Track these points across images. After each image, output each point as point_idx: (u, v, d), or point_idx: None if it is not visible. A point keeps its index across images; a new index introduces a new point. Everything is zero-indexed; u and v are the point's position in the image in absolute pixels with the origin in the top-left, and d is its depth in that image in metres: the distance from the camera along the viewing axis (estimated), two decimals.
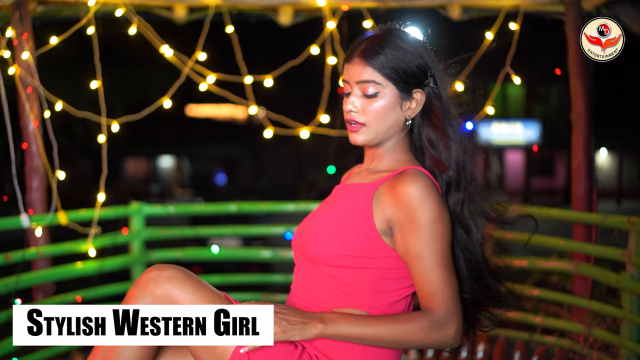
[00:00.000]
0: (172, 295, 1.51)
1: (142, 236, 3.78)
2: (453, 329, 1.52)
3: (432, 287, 1.53)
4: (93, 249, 3.40)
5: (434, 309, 1.53)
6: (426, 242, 1.53)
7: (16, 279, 3.06)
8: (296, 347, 1.57)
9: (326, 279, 1.61)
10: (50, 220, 3.30)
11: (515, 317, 3.63)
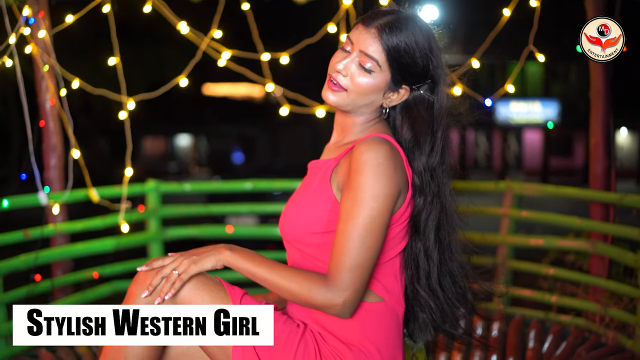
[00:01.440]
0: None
1: (158, 214, 3.81)
2: (340, 300, 1.50)
3: (340, 252, 1.51)
4: (126, 224, 3.44)
5: (331, 274, 1.52)
6: (357, 208, 1.51)
7: (35, 256, 3.10)
8: (298, 326, 1.59)
9: (307, 259, 1.63)
10: (67, 197, 3.33)
11: (530, 296, 3.62)
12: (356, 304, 1.54)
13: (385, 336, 1.60)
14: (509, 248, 3.72)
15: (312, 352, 1.55)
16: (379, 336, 1.59)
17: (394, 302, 1.63)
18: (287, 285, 1.52)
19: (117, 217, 3.54)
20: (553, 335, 3.21)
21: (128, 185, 3.61)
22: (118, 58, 3.41)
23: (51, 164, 3.48)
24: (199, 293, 1.53)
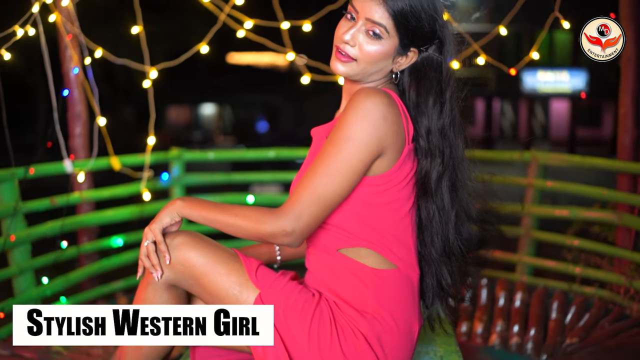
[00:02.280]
0: (187, 259, 1.56)
1: (182, 182, 3.84)
2: (290, 227, 1.50)
3: (300, 184, 1.53)
4: (148, 192, 3.47)
5: (286, 203, 1.54)
6: (330, 146, 1.52)
7: (61, 223, 3.15)
8: (313, 295, 1.60)
9: (320, 226, 1.62)
10: (92, 165, 3.36)
11: (554, 267, 3.60)
12: (305, 236, 1.53)
13: (400, 303, 1.60)
14: (533, 218, 3.69)
15: (327, 321, 1.56)
16: (393, 303, 1.59)
17: (408, 269, 1.62)
18: (237, 222, 1.53)
19: (140, 185, 3.57)
20: (576, 306, 3.20)
21: (152, 154, 3.63)
22: (141, 27, 3.40)
23: (76, 132, 3.52)
24: (216, 266, 1.57)
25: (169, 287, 1.59)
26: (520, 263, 3.71)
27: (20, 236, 2.96)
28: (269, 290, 1.57)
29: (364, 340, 1.55)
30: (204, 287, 1.57)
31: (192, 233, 1.62)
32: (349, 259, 1.59)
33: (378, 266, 1.59)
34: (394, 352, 1.58)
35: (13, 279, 3.05)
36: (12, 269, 2.99)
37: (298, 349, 1.55)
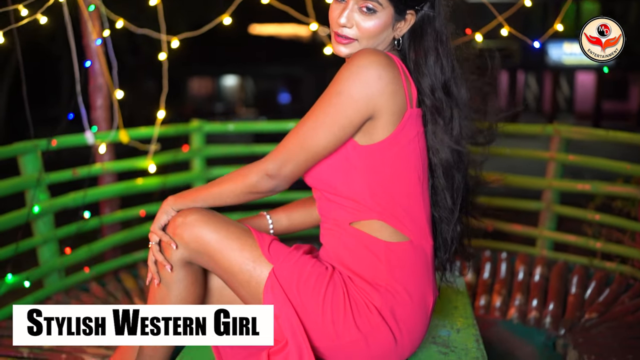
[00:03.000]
0: (200, 236, 1.58)
1: (202, 153, 3.85)
2: (269, 167, 1.55)
3: (289, 133, 1.57)
4: (153, 165, 3.49)
5: (269, 152, 1.59)
6: (321, 100, 1.54)
7: (83, 194, 3.19)
8: (326, 269, 1.61)
9: (333, 205, 1.63)
10: (113, 137, 3.39)
11: (575, 242, 3.58)
12: (289, 181, 1.59)
13: (413, 276, 1.60)
14: (555, 192, 3.66)
15: (341, 294, 1.57)
16: (407, 276, 1.59)
17: (421, 240, 1.62)
18: (225, 187, 1.61)
19: (162, 157, 3.60)
20: (596, 281, 3.18)
21: (172, 126, 3.64)
22: None
23: (97, 104, 3.54)
24: (229, 242, 1.59)
25: (185, 264, 1.62)
26: (540, 237, 3.69)
27: (44, 207, 3.00)
28: (282, 264, 1.59)
29: (377, 314, 1.56)
30: (217, 264, 1.60)
31: (205, 210, 1.63)
32: (361, 232, 1.59)
33: (390, 239, 1.59)
34: (408, 325, 1.59)
35: (37, 248, 3.10)
36: (37, 239, 3.04)
37: (312, 323, 1.56)
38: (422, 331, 1.64)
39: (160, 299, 1.64)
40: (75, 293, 3.24)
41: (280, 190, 1.61)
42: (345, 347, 1.57)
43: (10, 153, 2.88)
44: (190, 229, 1.59)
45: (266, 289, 1.57)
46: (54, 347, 2.64)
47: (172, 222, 1.63)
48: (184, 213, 1.62)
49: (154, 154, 3.57)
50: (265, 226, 1.84)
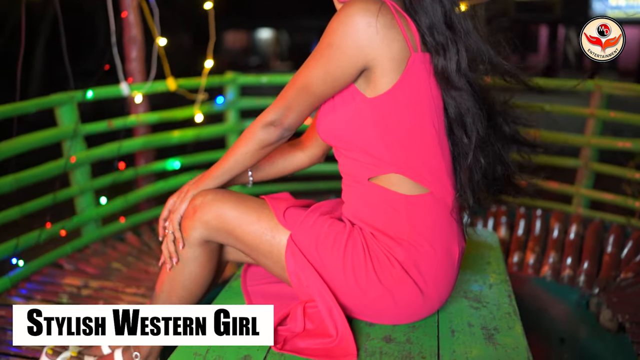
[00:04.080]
0: (220, 214, 1.61)
1: (236, 106, 3.85)
2: (271, 118, 1.58)
3: (286, 86, 1.57)
4: (201, 114, 3.50)
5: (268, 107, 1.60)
6: (312, 52, 1.52)
7: (118, 145, 3.22)
8: (345, 226, 1.60)
9: (351, 162, 1.61)
10: (148, 88, 3.40)
11: (612, 200, 3.51)
12: (292, 129, 1.61)
13: (436, 227, 1.58)
14: (593, 150, 3.59)
15: (361, 250, 1.56)
16: (429, 228, 1.57)
17: (441, 191, 1.59)
18: (238, 152, 1.64)
19: (194, 107, 3.60)
20: (633, 241, 3.13)
21: (207, 77, 3.63)
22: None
23: (132, 56, 3.55)
24: (246, 216, 1.62)
25: (203, 243, 1.66)
26: (577, 195, 3.63)
27: (80, 158, 3.04)
28: (299, 229, 1.59)
29: (400, 268, 1.55)
30: (238, 239, 1.63)
31: (220, 189, 1.68)
32: (380, 187, 1.57)
33: (410, 192, 1.56)
34: (433, 277, 1.58)
35: (74, 198, 3.16)
36: (73, 189, 3.09)
37: (336, 282, 1.56)
38: (449, 283, 1.63)
39: (173, 275, 1.69)
40: (112, 242, 3.30)
41: (287, 137, 1.64)
42: (372, 302, 1.57)
43: (47, 104, 2.91)
44: (209, 208, 1.62)
45: (287, 256, 1.58)
46: (91, 294, 2.71)
47: (190, 205, 1.66)
48: (201, 194, 1.65)
49: (189, 106, 3.58)
50: (244, 176, 1.84)
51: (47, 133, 2.90)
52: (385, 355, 1.50)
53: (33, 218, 2.85)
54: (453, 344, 1.55)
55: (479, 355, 1.50)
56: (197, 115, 3.52)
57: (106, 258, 3.12)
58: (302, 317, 1.55)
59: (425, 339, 1.58)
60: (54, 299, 2.67)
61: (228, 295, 1.82)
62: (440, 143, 1.58)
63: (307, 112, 1.58)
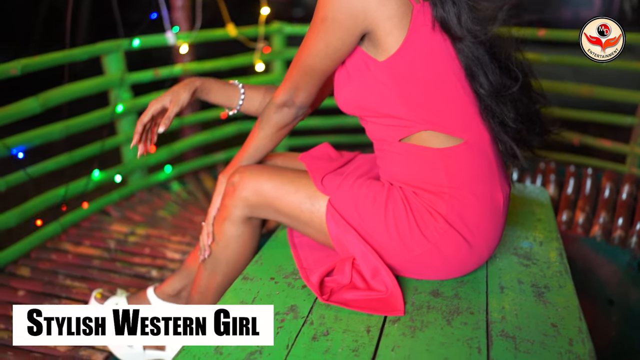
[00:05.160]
0: (258, 189, 1.64)
1: (282, 56, 3.80)
2: (283, 99, 1.61)
3: (290, 67, 1.58)
4: (262, 64, 3.47)
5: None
6: (309, 29, 1.50)
7: None
8: (383, 186, 1.57)
9: (372, 122, 1.58)
10: (195, 37, 3.37)
11: None
12: (305, 105, 1.63)
13: (475, 176, 1.53)
14: None
15: (402, 208, 1.53)
16: (468, 177, 1.52)
17: (475, 138, 1.53)
18: (259, 137, 1.70)
19: (243, 58, 3.57)
20: None
21: (252, 27, 3.59)
22: None
23: (178, 4, 3.52)
24: (284, 187, 1.62)
25: (246, 220, 1.70)
26: (631, 154, 3.51)
27: (127, 106, 3.05)
28: (337, 193, 1.59)
29: (444, 222, 1.51)
30: (279, 211, 1.64)
31: (257, 165, 1.71)
32: (413, 146, 1.53)
33: (443, 145, 1.51)
34: (479, 227, 1.54)
35: (121, 147, 3.19)
36: (120, 137, 3.11)
37: (381, 243, 1.54)
38: (496, 230, 1.59)
39: (216, 253, 1.73)
40: (157, 191, 3.34)
41: (302, 114, 1.67)
42: (418, 259, 1.55)
43: (95, 52, 2.91)
44: (246, 184, 1.64)
45: (328, 221, 1.58)
46: (138, 241, 2.74)
47: (228, 185, 1.69)
48: (238, 171, 1.67)
49: (236, 56, 3.55)
50: (235, 95, 1.80)
51: (94, 81, 2.91)
52: (432, 310, 1.47)
53: (81, 166, 2.89)
54: (502, 301, 1.52)
55: (529, 313, 1.46)
56: (258, 65, 3.49)
57: (152, 206, 3.16)
58: (350, 271, 1.54)
59: (474, 294, 1.55)
60: (102, 245, 2.72)
61: (274, 245, 1.82)
62: (465, 89, 1.53)
63: (316, 87, 1.60)
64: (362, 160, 1.80)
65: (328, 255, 1.68)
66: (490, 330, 1.39)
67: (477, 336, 1.36)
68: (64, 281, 2.39)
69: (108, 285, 2.34)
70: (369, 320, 1.42)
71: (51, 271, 2.47)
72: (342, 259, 1.58)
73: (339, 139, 3.91)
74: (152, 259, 2.60)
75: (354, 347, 1.32)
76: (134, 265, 2.54)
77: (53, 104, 2.61)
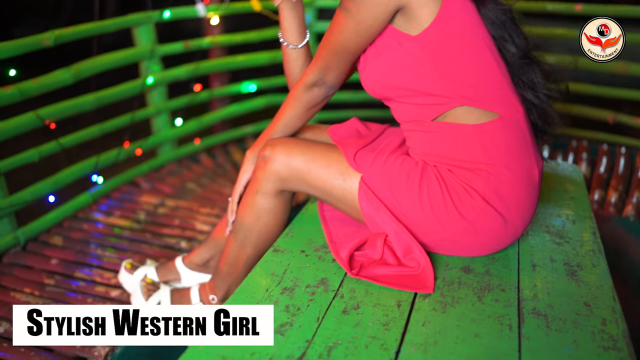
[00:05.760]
0: (288, 162, 1.63)
1: (313, 29, 3.77)
2: (313, 78, 1.60)
3: (321, 45, 1.58)
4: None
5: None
6: (337, 11, 1.50)
7: (195, 66, 3.22)
8: (417, 164, 1.55)
9: (403, 102, 1.56)
10: (225, 9, 3.35)
11: None
12: (336, 84, 1.63)
13: (511, 151, 1.51)
14: None
15: (437, 186, 1.51)
16: (504, 153, 1.50)
17: (511, 112, 1.51)
18: (288, 115, 1.69)
19: (273, 30, 3.55)
20: None
21: None
22: None
23: None
24: (316, 162, 1.61)
25: (278, 193, 1.69)
26: None
27: (157, 78, 3.06)
28: (370, 171, 1.57)
29: (480, 199, 1.50)
30: (310, 184, 1.64)
31: (288, 138, 1.69)
32: (447, 124, 1.51)
33: (479, 121, 1.49)
34: (516, 203, 1.52)
35: (151, 119, 3.20)
36: (150, 109, 3.12)
37: (414, 220, 1.53)
38: (532, 205, 1.57)
39: (248, 226, 1.73)
40: (187, 163, 3.35)
41: (332, 93, 1.67)
42: (453, 237, 1.53)
43: (125, 24, 2.91)
44: (277, 158, 1.64)
45: (361, 199, 1.57)
46: (167, 212, 2.76)
47: (259, 159, 1.68)
48: (269, 144, 1.66)
49: (266, 28, 3.52)
50: (303, 35, 1.81)
51: (125, 53, 2.91)
52: (463, 286, 1.46)
53: (111, 137, 2.91)
54: (534, 278, 1.51)
55: (562, 291, 1.45)
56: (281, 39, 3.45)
57: (181, 178, 3.18)
58: (382, 247, 1.54)
59: (505, 271, 1.54)
60: (132, 215, 2.75)
61: (304, 218, 1.82)
62: (496, 60, 1.52)
63: (346, 67, 1.59)
64: (392, 134, 1.78)
65: (358, 229, 1.68)
66: (522, 307, 1.38)
67: (509, 313, 1.35)
68: (95, 250, 2.42)
69: (138, 256, 2.37)
70: (399, 295, 1.42)
71: (83, 240, 2.50)
72: (374, 234, 1.58)
73: (367, 113, 3.88)
74: (182, 230, 2.62)
75: (385, 321, 1.32)
76: (164, 236, 2.57)
77: (85, 76, 2.63)
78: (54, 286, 2.17)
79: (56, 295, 2.11)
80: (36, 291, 2.13)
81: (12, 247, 2.40)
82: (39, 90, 2.39)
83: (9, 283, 2.19)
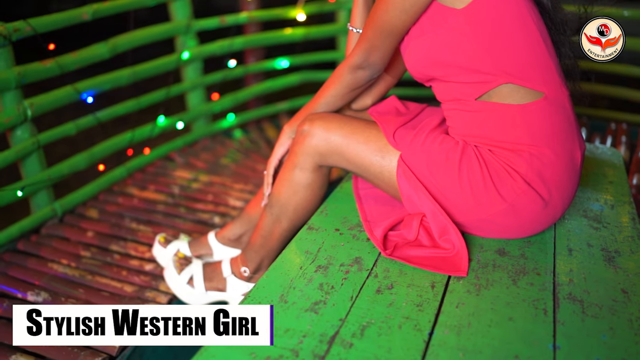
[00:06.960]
0: (327, 137, 1.63)
1: (348, 6, 3.73)
2: (357, 61, 1.60)
3: (364, 28, 1.58)
4: (303, 14, 3.43)
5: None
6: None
7: (230, 42, 3.22)
8: (457, 143, 1.53)
9: (446, 81, 1.54)
10: None
11: None
12: (381, 66, 1.62)
13: (555, 133, 1.49)
14: None
15: (477, 166, 1.49)
16: (549, 134, 1.48)
17: (556, 92, 1.48)
18: (329, 94, 1.69)
19: (307, 7, 3.52)
20: None
21: None
22: None
23: None
24: (354, 137, 1.61)
25: (316, 168, 1.70)
26: None
27: (193, 53, 3.06)
28: (409, 149, 1.56)
29: (522, 181, 1.47)
30: (348, 160, 1.63)
31: (327, 113, 1.70)
32: (490, 104, 1.48)
33: (524, 100, 1.47)
34: (557, 185, 1.50)
35: (186, 94, 3.21)
36: (186, 84, 3.13)
37: (452, 200, 1.51)
38: (573, 188, 1.55)
39: (285, 200, 1.74)
40: (221, 139, 3.37)
41: (376, 76, 1.65)
42: (492, 218, 1.52)
43: None
44: (316, 132, 1.64)
45: (399, 177, 1.55)
46: (201, 188, 2.78)
47: (298, 133, 1.68)
48: (308, 119, 1.66)
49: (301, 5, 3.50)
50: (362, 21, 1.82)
51: (161, 28, 2.92)
52: (498, 269, 1.45)
53: (146, 112, 2.93)
54: (570, 263, 1.49)
55: (598, 277, 1.43)
56: (299, 15, 3.43)
57: (215, 154, 3.20)
58: (418, 228, 1.53)
59: (541, 255, 1.52)
60: (166, 190, 2.77)
61: (339, 196, 1.82)
62: (543, 37, 1.49)
63: (392, 47, 1.58)
64: (432, 113, 1.76)
65: (393, 208, 1.67)
66: (557, 292, 1.36)
67: (544, 298, 1.34)
68: (130, 224, 2.45)
69: (172, 230, 2.39)
70: (433, 276, 1.41)
71: (118, 214, 2.54)
72: (410, 215, 1.57)
73: (404, 91, 3.85)
74: (215, 205, 2.64)
75: (419, 302, 1.32)
76: (197, 212, 2.59)
77: (121, 50, 2.64)
78: (90, 258, 2.21)
79: (92, 268, 2.14)
80: (73, 263, 2.17)
81: (50, 219, 2.45)
82: (77, 64, 2.41)
83: (47, 254, 2.23)
